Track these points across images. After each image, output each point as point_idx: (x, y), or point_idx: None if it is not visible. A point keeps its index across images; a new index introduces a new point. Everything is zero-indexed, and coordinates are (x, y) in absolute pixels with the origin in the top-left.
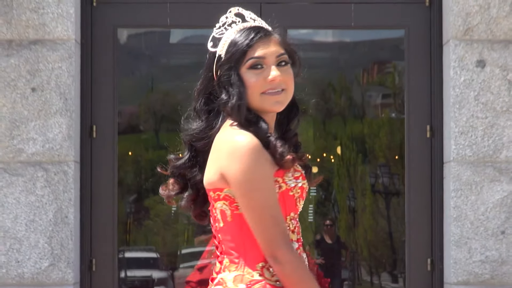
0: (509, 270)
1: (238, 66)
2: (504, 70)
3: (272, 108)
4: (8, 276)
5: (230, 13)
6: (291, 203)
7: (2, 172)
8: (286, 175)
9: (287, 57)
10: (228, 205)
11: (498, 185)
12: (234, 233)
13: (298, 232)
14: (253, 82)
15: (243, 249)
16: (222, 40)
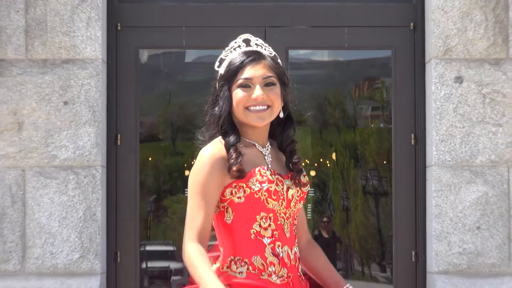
0: (483, 261)
1: (230, 84)
2: (479, 85)
3: (255, 123)
4: (43, 266)
5: (239, 38)
6: (258, 204)
7: (38, 175)
8: (250, 180)
9: (274, 79)
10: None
11: (474, 186)
12: (217, 231)
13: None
14: (239, 98)
15: (223, 245)
16: (225, 61)
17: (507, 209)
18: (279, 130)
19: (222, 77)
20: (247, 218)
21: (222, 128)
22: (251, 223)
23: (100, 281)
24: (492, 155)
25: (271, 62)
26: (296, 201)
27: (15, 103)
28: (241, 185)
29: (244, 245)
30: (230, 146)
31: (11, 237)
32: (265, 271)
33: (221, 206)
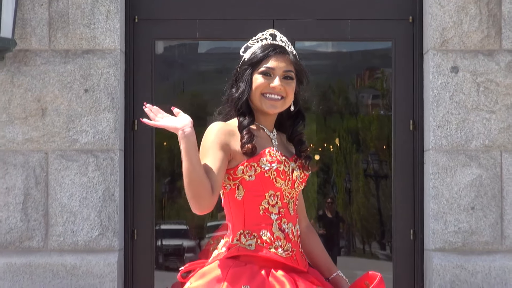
0: (477, 239)
1: (253, 69)
2: (474, 75)
3: (268, 110)
4: (65, 243)
5: (267, 32)
6: (267, 182)
7: (60, 158)
8: (261, 160)
9: (293, 74)
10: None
11: (468, 169)
12: (227, 208)
13: (284, 206)
14: (258, 84)
15: (232, 220)
16: (251, 48)
17: (499, 191)
18: (290, 123)
19: (246, 62)
20: (257, 195)
21: (240, 109)
22: (260, 200)
23: (118, 257)
24: (486, 140)
25: (293, 59)
26: (299, 183)
27: (39, 91)
28: (252, 164)
29: (254, 220)
30: (244, 127)
31: (35, 216)
32: (272, 245)
33: (232, 184)
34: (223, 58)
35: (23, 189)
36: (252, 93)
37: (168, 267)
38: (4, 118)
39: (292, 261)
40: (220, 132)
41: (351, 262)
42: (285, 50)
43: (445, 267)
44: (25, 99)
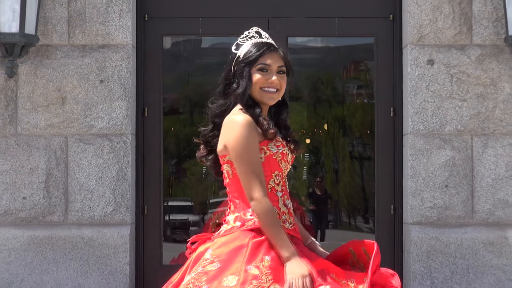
0: (450, 214)
1: (251, 66)
2: (447, 67)
3: (268, 102)
4: (83, 217)
5: (252, 30)
6: (274, 164)
7: (78, 142)
8: (269, 144)
9: (285, 68)
10: (230, 167)
11: (443, 151)
12: (235, 186)
13: (284, 185)
14: (257, 79)
15: (241, 198)
16: (243, 46)
17: (470, 171)
18: (274, 111)
19: (244, 60)
20: (266, 175)
21: (247, 102)
22: (268, 179)
23: (130, 230)
24: (458, 125)
25: (282, 54)
26: (290, 164)
27: (59, 81)
28: (262, 147)
29: None
30: (259, 116)
31: (56, 193)
32: (280, 219)
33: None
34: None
35: (45, 169)
36: (252, 87)
37: (175, 239)
38: (28, 106)
39: (295, 232)
40: (254, 126)
41: (338, 234)
42: (276, 48)
43: (421, 238)
44: (47, 89)
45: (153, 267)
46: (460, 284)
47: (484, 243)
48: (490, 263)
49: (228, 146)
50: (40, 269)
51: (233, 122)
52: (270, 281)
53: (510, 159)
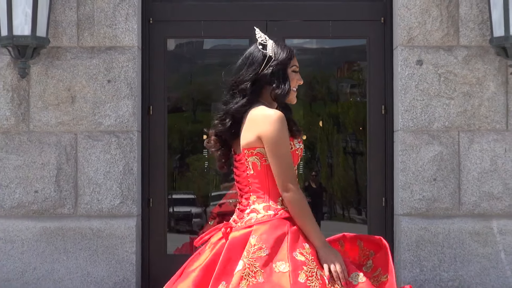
0: (438, 205)
1: (286, 67)
2: (435, 67)
3: (294, 101)
4: (92, 210)
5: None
6: (296, 158)
7: (87, 138)
8: (294, 140)
9: None
10: (258, 159)
11: (431, 146)
12: (262, 178)
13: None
14: (293, 80)
15: (268, 189)
16: (269, 47)
17: (457, 165)
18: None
19: (280, 61)
20: None
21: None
22: None
23: (136, 221)
24: (446, 122)
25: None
26: None
27: (69, 81)
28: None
29: None
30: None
31: (66, 187)
32: None
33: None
34: (225, 53)
35: (56, 164)
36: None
37: (178, 230)
38: (40, 104)
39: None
40: (284, 122)
41: (332, 225)
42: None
43: (411, 229)
44: (57, 88)
45: (158, 256)
46: (447, 272)
47: (470, 233)
48: (476, 252)
49: (264, 138)
50: (52, 259)
51: (269, 117)
52: (315, 267)
53: (494, 154)
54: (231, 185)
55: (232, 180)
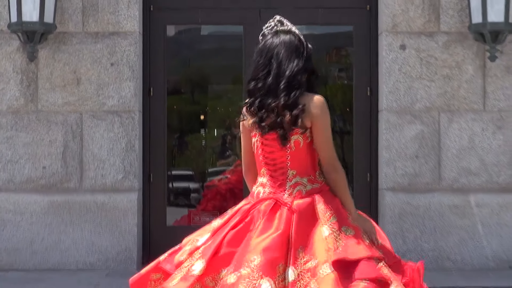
0: (420, 180)
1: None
2: (417, 51)
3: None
4: (96, 184)
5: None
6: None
7: (92, 118)
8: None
9: None
10: (302, 138)
11: (413, 125)
12: (303, 154)
13: None
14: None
15: (307, 164)
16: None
17: (437, 143)
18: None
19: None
20: None
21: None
22: None
23: (137, 195)
24: (427, 103)
25: None
26: None
27: (75, 65)
28: None
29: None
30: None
31: (72, 163)
32: None
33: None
34: (221, 39)
35: (62, 142)
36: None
37: (177, 204)
38: (47, 86)
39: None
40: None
41: None
42: None
43: (394, 202)
44: (64, 71)
45: (158, 228)
46: (428, 242)
47: (449, 206)
48: (455, 224)
49: (316, 120)
50: (58, 230)
51: (320, 101)
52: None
53: (472, 132)
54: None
55: (227, 157)
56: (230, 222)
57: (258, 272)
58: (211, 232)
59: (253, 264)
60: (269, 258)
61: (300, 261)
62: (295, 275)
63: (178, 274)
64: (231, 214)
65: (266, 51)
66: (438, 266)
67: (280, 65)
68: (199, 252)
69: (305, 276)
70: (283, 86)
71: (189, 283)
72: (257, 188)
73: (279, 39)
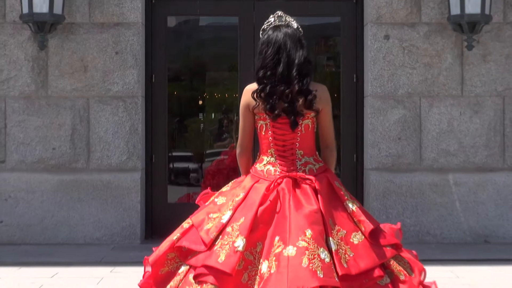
0: (402, 161)
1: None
2: (400, 41)
3: None
4: (102, 164)
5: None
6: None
7: (98, 103)
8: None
9: None
10: (311, 122)
11: (396, 110)
12: (309, 137)
13: None
14: None
15: (311, 145)
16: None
17: (418, 126)
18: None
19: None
20: None
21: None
22: None
23: (140, 174)
24: (409, 89)
25: None
26: None
27: (82, 53)
28: None
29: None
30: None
31: (80, 145)
32: None
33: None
34: (217, 29)
35: (71, 125)
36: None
37: (177, 183)
38: (56, 73)
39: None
40: None
41: None
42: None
43: (379, 181)
44: (72, 59)
45: (159, 205)
46: (410, 218)
47: (429, 185)
48: (434, 201)
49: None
50: (67, 207)
51: (326, 89)
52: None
53: (451, 116)
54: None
55: (224, 140)
56: (252, 199)
57: (313, 244)
58: (233, 209)
59: (307, 238)
60: (318, 230)
61: (334, 232)
62: (335, 244)
63: (221, 252)
64: (247, 191)
65: (272, 42)
66: (419, 240)
67: (290, 55)
68: (236, 229)
69: (342, 244)
70: (296, 74)
71: (236, 258)
72: (266, 167)
73: (282, 32)
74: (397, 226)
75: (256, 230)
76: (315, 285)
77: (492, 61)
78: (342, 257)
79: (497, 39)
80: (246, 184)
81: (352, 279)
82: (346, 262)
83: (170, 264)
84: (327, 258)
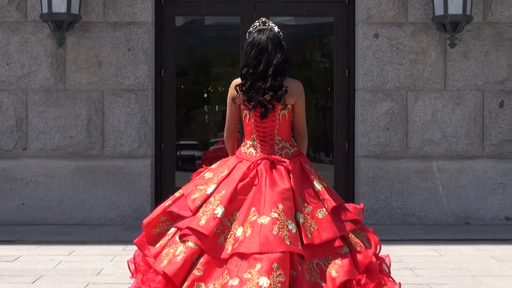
0: (390, 149)
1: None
2: (389, 39)
3: None
4: (115, 152)
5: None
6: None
7: (111, 95)
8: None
9: None
10: (287, 112)
11: (385, 102)
12: (286, 125)
13: None
14: None
15: (287, 132)
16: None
17: (405, 117)
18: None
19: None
20: None
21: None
22: None
23: (150, 161)
24: (396, 83)
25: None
26: None
27: (97, 50)
28: None
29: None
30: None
31: (95, 133)
32: None
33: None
34: (221, 29)
35: (87, 115)
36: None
37: (184, 169)
38: (74, 68)
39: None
40: None
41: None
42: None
43: (368, 168)
44: (87, 55)
45: (168, 189)
46: (397, 202)
47: (415, 171)
48: (419, 186)
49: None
50: (84, 190)
51: (301, 85)
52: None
53: (435, 108)
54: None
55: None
56: (234, 175)
57: (283, 216)
58: (217, 183)
59: (279, 210)
60: (288, 205)
61: (302, 208)
62: (302, 218)
63: (202, 217)
64: (231, 169)
65: (256, 44)
66: (405, 222)
67: (270, 56)
68: (217, 200)
69: (308, 218)
70: (271, 72)
71: (215, 222)
72: (249, 150)
73: (265, 35)
74: (360, 206)
75: (235, 201)
76: (281, 250)
77: (473, 58)
78: (307, 229)
79: (477, 38)
80: (230, 163)
81: (315, 248)
82: (311, 233)
83: (161, 226)
84: (294, 229)
